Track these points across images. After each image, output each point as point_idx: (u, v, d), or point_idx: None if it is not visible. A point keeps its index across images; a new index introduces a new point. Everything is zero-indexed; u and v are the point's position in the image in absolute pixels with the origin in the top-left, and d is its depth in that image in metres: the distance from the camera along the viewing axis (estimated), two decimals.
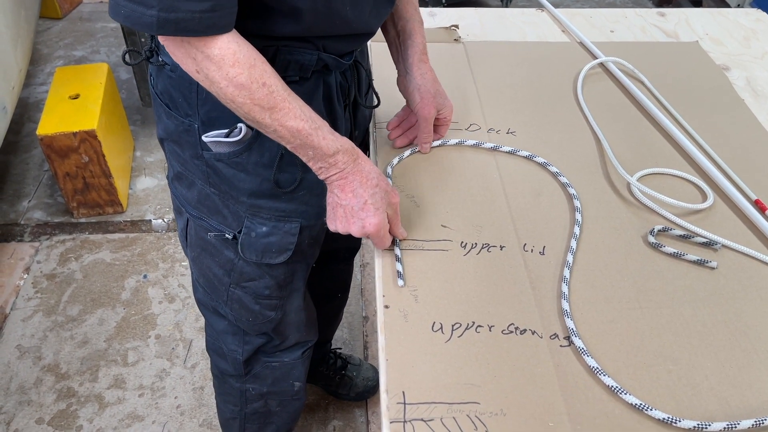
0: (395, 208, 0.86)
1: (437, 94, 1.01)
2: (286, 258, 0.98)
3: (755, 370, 0.76)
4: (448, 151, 1.07)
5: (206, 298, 1.11)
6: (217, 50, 0.71)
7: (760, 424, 0.70)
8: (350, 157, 0.82)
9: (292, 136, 0.78)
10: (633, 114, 1.18)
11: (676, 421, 0.69)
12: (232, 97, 0.74)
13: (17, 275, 2.00)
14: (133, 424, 1.62)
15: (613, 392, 0.73)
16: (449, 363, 0.76)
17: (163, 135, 0.94)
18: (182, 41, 0.72)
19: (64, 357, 1.77)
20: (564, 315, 0.81)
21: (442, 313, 0.82)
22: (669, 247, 0.90)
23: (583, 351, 0.76)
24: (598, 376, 0.74)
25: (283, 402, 1.29)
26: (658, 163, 1.06)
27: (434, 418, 0.70)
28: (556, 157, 1.07)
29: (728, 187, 1.00)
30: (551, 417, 0.71)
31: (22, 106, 2.69)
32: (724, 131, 1.14)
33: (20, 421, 1.62)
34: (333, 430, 1.62)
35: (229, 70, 0.72)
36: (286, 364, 1.20)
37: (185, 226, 1.03)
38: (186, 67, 0.75)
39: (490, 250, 0.91)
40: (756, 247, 0.91)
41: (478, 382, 0.74)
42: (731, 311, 0.83)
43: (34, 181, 2.35)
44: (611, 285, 0.86)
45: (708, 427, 0.69)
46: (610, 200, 0.99)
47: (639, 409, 0.71)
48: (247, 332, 1.13)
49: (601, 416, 0.71)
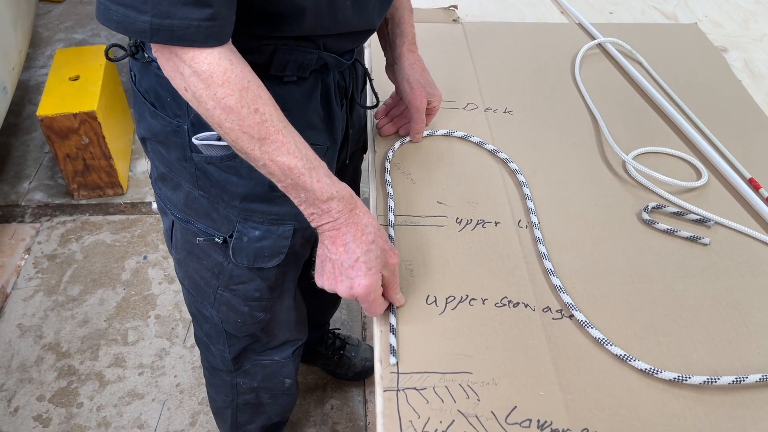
0: (393, 269, 0.77)
1: (427, 84, 1.00)
2: (278, 261, 0.95)
3: (744, 344, 0.77)
4: (440, 139, 1.08)
5: (191, 299, 1.08)
6: (206, 66, 0.66)
7: (740, 381, 0.72)
8: (346, 206, 0.74)
9: (282, 173, 0.71)
10: (630, 94, 1.18)
11: (657, 372, 0.72)
12: (219, 121, 0.68)
13: (18, 255, 2.01)
14: (133, 401, 1.64)
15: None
16: (442, 334, 0.77)
17: (147, 135, 0.89)
18: (170, 53, 0.67)
19: (64, 336, 1.78)
20: (558, 291, 0.82)
21: (436, 286, 0.83)
22: (662, 224, 0.91)
23: (586, 324, 0.78)
24: (602, 345, 0.75)
25: (274, 395, 1.28)
26: (653, 142, 1.06)
27: (427, 387, 0.72)
28: (552, 136, 1.07)
29: (723, 166, 1.00)
30: (542, 386, 0.72)
31: (23, 89, 2.70)
32: (720, 111, 1.14)
33: (21, 398, 1.63)
34: (331, 409, 1.63)
35: (218, 90, 0.66)
36: (276, 362, 1.19)
37: (170, 227, 1.00)
38: (174, 83, 0.69)
39: (485, 226, 0.92)
40: (749, 225, 0.92)
41: (470, 353, 0.75)
42: (722, 286, 0.84)
43: (35, 162, 2.36)
44: (604, 260, 0.87)
45: (688, 379, 0.71)
46: (605, 178, 1.00)
47: (632, 366, 0.72)
48: (233, 334, 1.10)
49: (592, 386, 0.72)
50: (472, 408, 0.70)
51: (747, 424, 0.69)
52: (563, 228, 0.91)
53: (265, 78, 0.78)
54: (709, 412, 0.70)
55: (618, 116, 1.12)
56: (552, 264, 0.85)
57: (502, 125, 1.09)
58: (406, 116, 1.04)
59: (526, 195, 0.95)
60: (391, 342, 0.74)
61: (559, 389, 0.71)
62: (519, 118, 1.11)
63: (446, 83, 1.17)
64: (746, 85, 1.22)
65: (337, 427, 1.59)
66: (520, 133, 1.08)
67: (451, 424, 0.68)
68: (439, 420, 0.69)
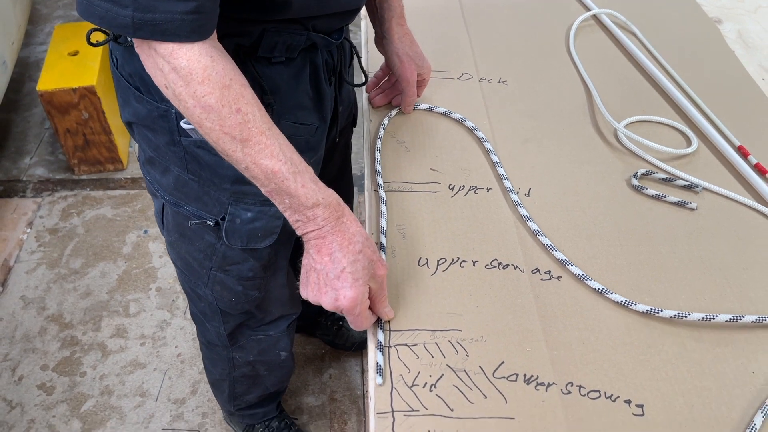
0: (381, 281, 0.73)
1: (416, 56, 1.01)
2: (272, 241, 0.94)
3: (728, 303, 0.79)
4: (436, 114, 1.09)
5: (184, 279, 1.09)
6: (185, 62, 0.63)
7: (710, 318, 0.75)
8: (332, 214, 0.71)
9: (266, 177, 0.68)
10: (623, 64, 1.19)
11: (632, 304, 0.76)
12: (199, 121, 0.66)
13: (20, 229, 2.04)
14: (135, 371, 1.67)
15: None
16: (433, 294, 0.79)
17: (132, 119, 0.87)
18: (149, 48, 0.64)
19: (67, 307, 1.81)
20: (549, 249, 0.84)
21: (428, 249, 0.85)
22: (651, 190, 0.93)
23: (584, 277, 0.80)
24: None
25: (271, 368, 1.29)
26: (645, 111, 1.08)
27: (417, 344, 0.74)
28: (545, 105, 1.08)
29: (713, 134, 1.02)
30: (529, 343, 0.74)
31: (23, 66, 2.70)
32: (712, 81, 1.15)
33: (25, 367, 1.67)
34: (329, 378, 1.66)
35: (198, 88, 0.63)
36: (271, 337, 1.20)
37: (161, 209, 0.99)
38: (156, 80, 0.67)
39: (477, 192, 0.93)
40: (736, 191, 0.94)
41: (460, 312, 0.77)
42: (708, 249, 0.86)
43: (36, 138, 2.38)
44: (593, 224, 0.89)
45: (660, 312, 0.75)
46: (596, 146, 1.01)
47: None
48: (227, 312, 1.11)
49: (577, 343, 0.74)
50: (461, 363, 0.72)
51: (713, 344, 0.71)
52: (554, 194, 0.93)
53: (254, 59, 0.78)
54: (691, 367, 0.72)
55: (611, 86, 1.13)
56: (542, 228, 0.87)
57: (496, 95, 1.10)
58: (397, 88, 1.05)
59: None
60: (378, 361, 0.71)
61: (546, 346, 0.74)
62: (513, 88, 1.12)
63: (441, 53, 1.18)
64: (739, 56, 1.23)
65: (335, 396, 1.63)
66: (513, 102, 1.09)
67: (440, 378, 0.71)
68: (428, 374, 0.71)
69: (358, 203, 2.01)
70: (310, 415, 1.59)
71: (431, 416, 0.67)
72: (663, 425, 0.67)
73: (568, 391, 0.69)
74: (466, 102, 1.08)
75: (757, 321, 0.75)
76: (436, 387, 0.70)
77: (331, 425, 1.57)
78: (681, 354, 0.73)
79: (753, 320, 0.75)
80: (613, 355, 0.73)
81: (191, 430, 1.55)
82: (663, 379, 0.71)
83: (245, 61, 0.77)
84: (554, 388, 0.70)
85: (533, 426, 0.66)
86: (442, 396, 0.69)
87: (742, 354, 0.73)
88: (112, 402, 1.60)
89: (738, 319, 0.75)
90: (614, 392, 0.69)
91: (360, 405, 1.61)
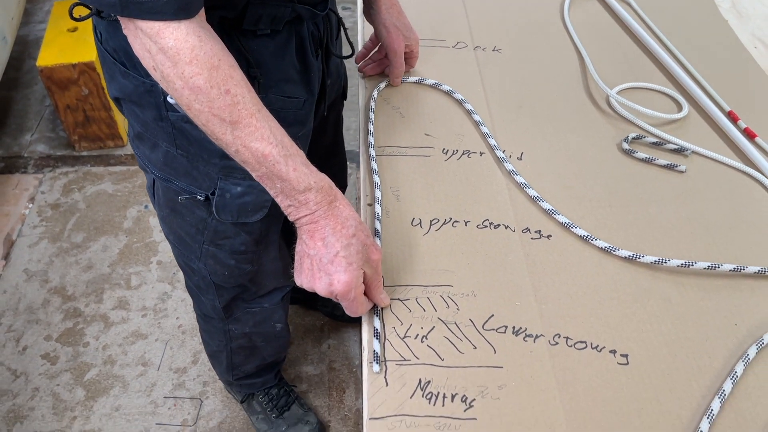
0: (375, 266, 0.72)
1: (403, 27, 1.01)
2: (262, 215, 0.95)
3: (713, 258, 0.80)
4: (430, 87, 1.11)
5: (178, 253, 1.09)
6: (171, 41, 0.62)
7: (689, 265, 0.78)
8: (325, 198, 0.70)
9: (256, 161, 0.67)
10: (617, 33, 1.20)
11: (615, 250, 0.80)
12: (188, 102, 0.65)
13: (22, 204, 2.06)
14: (137, 341, 1.69)
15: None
16: (425, 252, 0.81)
17: (119, 95, 0.86)
18: (136, 29, 0.63)
19: (69, 280, 1.83)
20: (536, 200, 0.86)
21: (421, 210, 0.87)
22: (641, 153, 0.94)
23: (570, 225, 0.82)
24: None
25: (267, 339, 1.31)
26: (638, 79, 1.09)
27: (410, 298, 0.76)
28: (539, 73, 1.10)
29: (704, 100, 1.03)
30: (519, 298, 0.76)
31: (22, 44, 2.71)
32: (705, 50, 1.16)
33: (29, 338, 1.69)
34: (328, 348, 1.69)
35: (185, 68, 0.62)
36: (266, 309, 1.21)
37: (152, 184, 0.98)
38: (144, 62, 0.66)
39: (470, 156, 0.95)
40: (726, 154, 0.95)
41: (452, 269, 0.79)
42: (696, 210, 0.87)
43: (36, 115, 2.39)
44: (583, 186, 0.90)
45: (641, 258, 0.79)
46: (588, 111, 1.03)
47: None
48: (221, 285, 1.11)
49: (565, 297, 0.76)
50: (451, 316, 0.74)
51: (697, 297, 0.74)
52: (546, 158, 0.94)
53: (239, 32, 0.77)
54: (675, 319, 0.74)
55: (604, 54, 1.14)
56: (534, 190, 0.88)
57: (490, 63, 1.12)
58: (389, 62, 1.05)
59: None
60: (375, 348, 0.71)
61: (535, 300, 0.76)
62: (507, 56, 1.14)
63: (436, 22, 1.20)
64: (733, 26, 1.24)
65: (333, 365, 1.65)
66: (507, 70, 1.10)
67: (431, 330, 0.73)
68: (420, 326, 0.73)
69: (357, 179, 2.03)
70: (309, 383, 1.62)
71: (422, 365, 0.69)
72: (647, 373, 0.69)
73: (556, 342, 0.72)
74: (461, 70, 1.09)
75: (735, 270, 0.77)
76: (427, 338, 0.72)
77: (329, 393, 1.60)
78: (666, 308, 0.75)
79: (731, 269, 0.77)
80: (599, 309, 0.75)
81: (193, 397, 1.58)
82: (648, 331, 0.73)
83: (230, 35, 0.76)
84: (542, 339, 0.72)
85: (521, 374, 0.69)
86: (433, 346, 0.71)
87: (725, 307, 0.75)
88: (115, 371, 1.63)
89: (716, 267, 0.77)
90: (600, 343, 0.72)
91: (358, 374, 1.64)
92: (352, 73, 1.13)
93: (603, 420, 0.65)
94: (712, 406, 0.65)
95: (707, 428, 0.64)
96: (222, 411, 1.56)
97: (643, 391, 0.67)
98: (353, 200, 2.04)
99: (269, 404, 1.48)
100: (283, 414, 1.49)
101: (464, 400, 0.66)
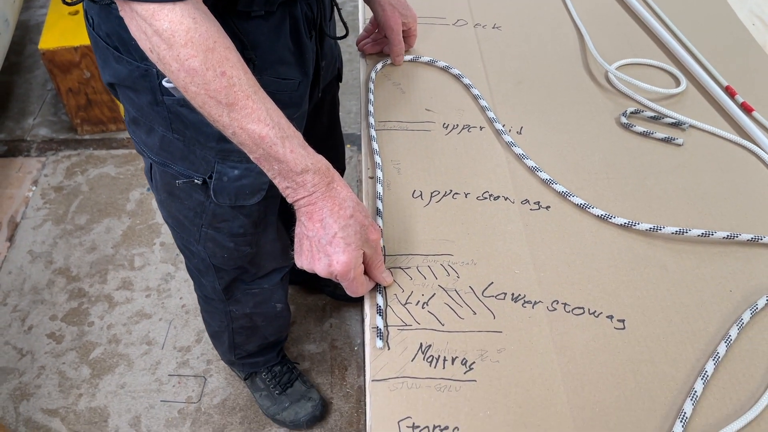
0: (375, 246, 0.72)
1: (399, 4, 1.01)
2: (260, 198, 0.95)
3: (708, 227, 0.82)
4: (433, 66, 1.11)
5: (177, 236, 1.10)
6: (167, 24, 0.62)
7: (683, 232, 0.79)
8: (322, 179, 0.70)
9: (253, 143, 0.67)
10: (616, 10, 1.21)
11: (611, 217, 0.82)
12: (184, 85, 0.65)
13: (26, 187, 2.07)
14: (141, 321, 1.71)
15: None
16: (426, 223, 0.82)
17: (114, 80, 0.85)
18: (132, 11, 0.63)
19: (74, 261, 1.85)
20: (534, 170, 0.88)
21: (422, 183, 0.88)
22: (639, 127, 0.95)
23: (567, 194, 0.83)
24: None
25: (267, 319, 1.32)
26: (636, 55, 1.10)
27: (411, 267, 0.77)
28: (538, 49, 1.11)
29: (701, 75, 1.04)
30: (517, 266, 0.78)
31: (24, 28, 2.71)
32: (704, 27, 1.17)
33: (35, 318, 1.71)
34: (330, 327, 1.71)
35: (181, 51, 0.62)
36: (266, 290, 1.23)
37: (149, 168, 0.98)
38: (141, 44, 0.66)
39: (470, 130, 0.96)
40: (723, 127, 0.96)
41: (452, 238, 0.81)
42: (692, 181, 0.89)
43: (38, 99, 2.40)
44: (581, 159, 0.92)
45: (636, 225, 0.80)
46: (587, 87, 1.04)
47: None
48: (221, 268, 1.13)
49: (563, 265, 0.78)
50: (452, 284, 0.76)
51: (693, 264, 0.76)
52: (545, 132, 0.96)
53: (233, 14, 0.77)
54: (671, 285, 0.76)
55: (603, 31, 1.15)
56: (533, 161, 0.89)
57: (490, 40, 1.12)
58: (388, 41, 1.06)
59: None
60: (378, 324, 0.72)
61: (533, 268, 0.77)
62: (507, 34, 1.14)
63: (437, 0, 1.20)
64: (731, 3, 1.24)
65: (335, 344, 1.67)
66: (507, 47, 1.11)
67: (432, 296, 0.74)
68: (421, 293, 0.75)
69: (358, 162, 2.04)
70: (311, 361, 1.64)
71: (423, 330, 0.71)
72: (642, 337, 0.70)
73: (554, 308, 0.73)
74: (461, 47, 1.10)
75: (729, 237, 0.79)
76: (428, 305, 0.73)
77: (331, 371, 1.62)
78: (662, 275, 0.77)
79: (724, 236, 0.79)
80: (596, 276, 0.76)
81: (197, 375, 1.61)
82: (644, 297, 0.74)
83: (224, 16, 0.75)
84: (540, 305, 0.73)
85: (520, 338, 0.70)
86: (433, 312, 0.73)
87: (720, 274, 0.77)
88: (120, 350, 1.65)
89: (710, 234, 0.79)
90: (597, 309, 0.73)
91: (360, 352, 1.66)
92: (353, 56, 1.14)
93: (599, 381, 0.67)
94: (707, 367, 0.67)
95: (701, 389, 0.65)
96: (225, 388, 1.59)
97: (638, 354, 0.69)
98: (354, 183, 2.05)
99: (272, 381, 1.50)
100: (286, 391, 1.51)
101: (464, 363, 0.68)
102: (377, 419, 0.64)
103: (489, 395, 0.66)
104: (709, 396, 0.66)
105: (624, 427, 0.63)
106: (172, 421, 1.53)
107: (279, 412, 1.50)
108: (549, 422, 0.64)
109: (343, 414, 1.55)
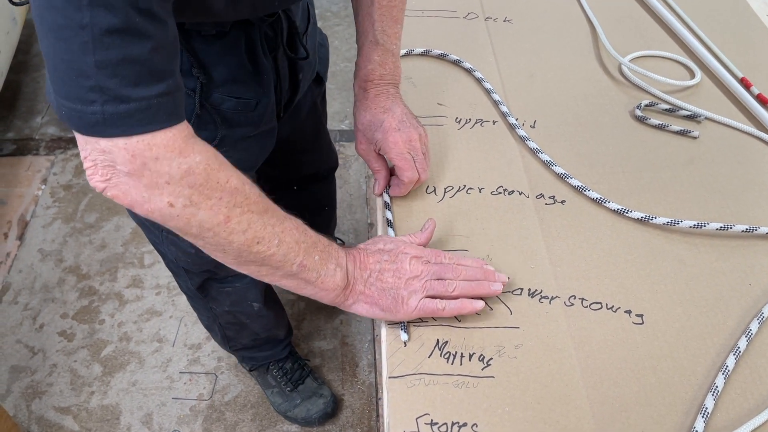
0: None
1: (401, 124, 0.83)
2: None
3: (726, 222, 0.81)
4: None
5: (148, 237, 1.09)
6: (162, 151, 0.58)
7: (701, 225, 0.78)
8: (344, 275, 0.72)
9: (285, 286, 0.72)
10: (628, 2, 1.20)
11: (627, 212, 0.81)
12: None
13: (35, 186, 2.07)
14: (151, 318, 1.72)
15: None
16: (440, 219, 0.82)
17: None
18: (138, 163, 0.57)
19: (84, 260, 1.85)
20: (549, 165, 0.87)
21: (435, 178, 0.87)
22: (654, 120, 0.94)
23: (583, 188, 0.84)
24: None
25: (250, 317, 1.31)
26: (650, 47, 1.09)
27: None
28: (550, 42, 1.10)
29: (716, 66, 1.03)
30: (533, 261, 0.77)
31: (31, 27, 2.71)
32: (717, 18, 1.16)
33: (46, 316, 1.72)
34: (340, 323, 1.71)
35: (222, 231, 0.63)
36: (239, 289, 1.21)
37: None
38: (157, 215, 0.64)
39: (483, 125, 0.95)
40: (738, 120, 0.95)
41: (466, 234, 0.80)
42: (708, 174, 0.88)
43: (46, 98, 2.40)
44: (596, 153, 0.91)
45: (654, 219, 0.79)
46: (600, 80, 1.03)
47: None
48: (189, 270, 1.12)
49: (580, 260, 0.77)
50: None
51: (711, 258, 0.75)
52: (558, 126, 0.95)
53: (182, 32, 0.74)
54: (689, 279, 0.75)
55: (616, 22, 1.14)
56: (547, 155, 0.89)
57: (501, 33, 1.12)
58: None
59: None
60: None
61: (549, 263, 0.77)
62: (518, 27, 1.13)
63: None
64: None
65: (346, 340, 1.67)
66: (519, 40, 1.10)
67: None
68: None
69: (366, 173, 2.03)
70: (322, 358, 1.64)
71: (440, 326, 0.70)
72: (661, 332, 0.70)
73: (571, 303, 0.73)
74: (472, 40, 1.09)
75: (748, 231, 0.78)
76: None
77: (342, 367, 1.62)
78: (679, 269, 0.76)
79: (743, 229, 0.78)
80: (614, 270, 0.76)
81: (208, 372, 1.61)
82: (662, 291, 0.74)
83: None
84: (557, 300, 0.73)
85: (537, 334, 0.70)
86: None
87: (739, 268, 0.76)
88: (131, 347, 1.66)
89: (728, 228, 0.78)
90: (615, 303, 0.72)
91: (370, 349, 1.65)
92: (351, 54, 1.13)
93: (619, 377, 0.66)
94: (727, 362, 0.66)
95: (722, 384, 0.65)
96: (237, 385, 1.59)
97: (657, 349, 0.68)
98: (362, 178, 2.04)
99: (283, 378, 1.50)
100: (298, 387, 1.51)
101: (481, 359, 0.68)
102: (395, 416, 0.63)
103: (507, 391, 0.65)
104: (730, 391, 0.65)
105: (645, 422, 0.63)
106: (184, 418, 1.53)
107: (290, 408, 1.50)
108: (569, 418, 0.63)
109: (355, 410, 1.55)
